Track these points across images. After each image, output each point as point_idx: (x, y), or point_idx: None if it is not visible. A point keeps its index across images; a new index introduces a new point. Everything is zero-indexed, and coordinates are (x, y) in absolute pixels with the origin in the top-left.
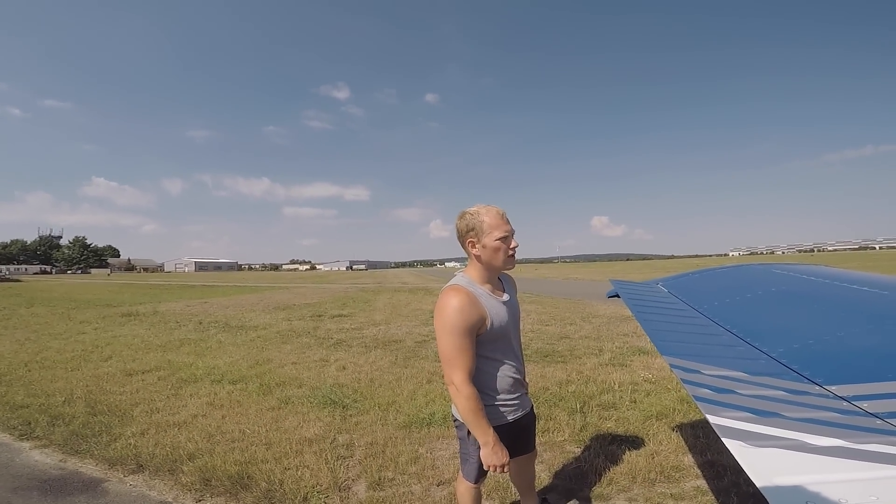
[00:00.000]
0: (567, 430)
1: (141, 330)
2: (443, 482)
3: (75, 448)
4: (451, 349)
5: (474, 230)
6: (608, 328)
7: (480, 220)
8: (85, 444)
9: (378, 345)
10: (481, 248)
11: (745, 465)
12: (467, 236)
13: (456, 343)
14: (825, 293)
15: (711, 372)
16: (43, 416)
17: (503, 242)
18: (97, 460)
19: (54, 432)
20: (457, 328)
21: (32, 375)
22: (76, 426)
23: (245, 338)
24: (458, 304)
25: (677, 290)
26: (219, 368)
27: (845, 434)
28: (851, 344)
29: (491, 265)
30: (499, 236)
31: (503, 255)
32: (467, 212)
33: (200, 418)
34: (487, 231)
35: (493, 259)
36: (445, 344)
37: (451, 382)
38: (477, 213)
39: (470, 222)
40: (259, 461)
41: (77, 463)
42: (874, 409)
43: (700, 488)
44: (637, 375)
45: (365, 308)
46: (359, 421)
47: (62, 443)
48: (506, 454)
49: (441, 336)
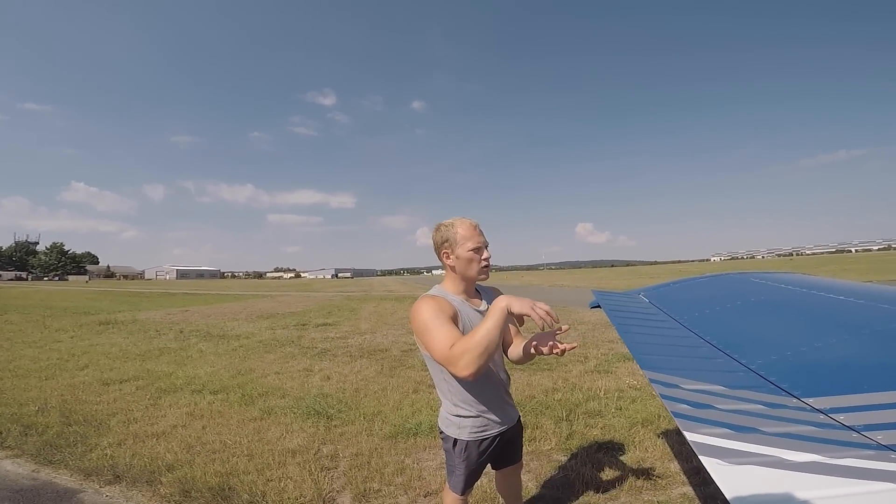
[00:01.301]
0: (554, 438)
1: (119, 339)
2: (430, 493)
3: (49, 458)
4: (438, 332)
5: (448, 242)
6: (593, 335)
7: (454, 231)
8: (59, 454)
9: (363, 354)
10: (455, 259)
11: (722, 483)
12: (442, 248)
13: (440, 324)
14: (802, 303)
15: (690, 386)
16: (15, 425)
17: (476, 253)
18: (72, 471)
19: (27, 442)
20: (434, 313)
21: (4, 384)
22: (50, 436)
23: (227, 347)
24: (430, 303)
25: (658, 300)
26: (199, 378)
27: (821, 448)
28: (828, 355)
29: (465, 275)
30: (471, 247)
31: (476, 265)
32: (442, 224)
33: (180, 429)
34: (461, 242)
35: (466, 270)
36: (433, 334)
37: (457, 359)
38: (451, 225)
39: (444, 234)
40: (241, 473)
41: (51, 473)
42: (850, 422)
43: (687, 495)
44: (622, 382)
45: (350, 317)
46: (343, 431)
47: (35, 453)
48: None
49: (424, 333)
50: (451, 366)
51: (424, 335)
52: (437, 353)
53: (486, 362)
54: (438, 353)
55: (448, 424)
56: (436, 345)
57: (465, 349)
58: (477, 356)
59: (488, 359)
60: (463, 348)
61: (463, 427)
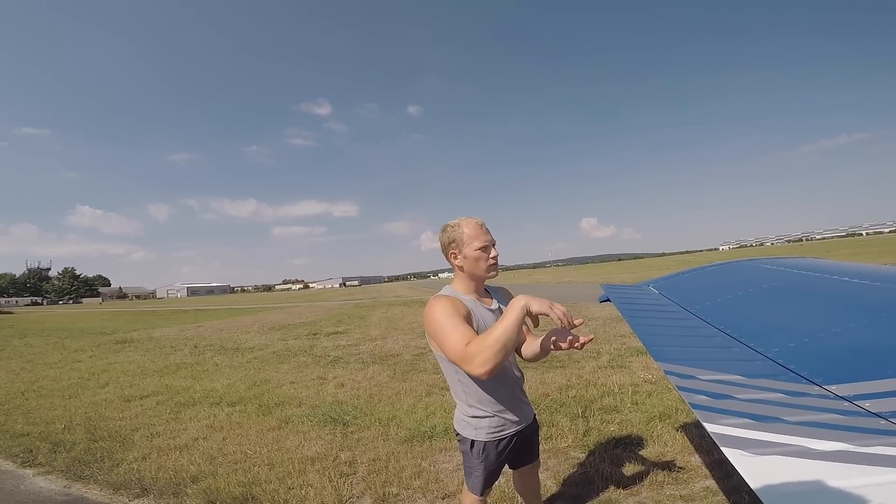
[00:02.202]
0: (570, 435)
1: (136, 356)
2: (448, 495)
3: (78, 474)
4: (453, 332)
5: (455, 242)
6: (605, 330)
7: (461, 231)
8: (88, 469)
9: (375, 360)
10: (463, 258)
11: (746, 474)
12: (449, 248)
13: (454, 323)
14: (817, 287)
15: (707, 377)
16: (44, 443)
17: (483, 252)
18: (101, 485)
19: (56, 459)
20: (448, 313)
21: (30, 404)
22: (78, 452)
23: (241, 359)
24: (443, 303)
25: (668, 291)
26: (217, 391)
27: (848, 437)
28: (848, 340)
29: (474, 275)
30: (478, 246)
31: (484, 264)
32: (448, 225)
33: (201, 441)
34: (467, 242)
35: (475, 269)
36: (447, 334)
37: (472, 357)
38: (457, 226)
39: (451, 235)
40: (262, 482)
41: (81, 489)
42: (877, 409)
43: (710, 489)
44: (637, 377)
45: (360, 324)
46: (360, 437)
47: (65, 469)
48: (550, 303)
49: (438, 333)
50: (467, 364)
51: (439, 335)
52: (452, 353)
53: (503, 360)
54: (453, 352)
55: (464, 426)
56: (450, 344)
57: (482, 347)
58: (494, 354)
59: (505, 357)
60: (479, 346)
61: (480, 428)
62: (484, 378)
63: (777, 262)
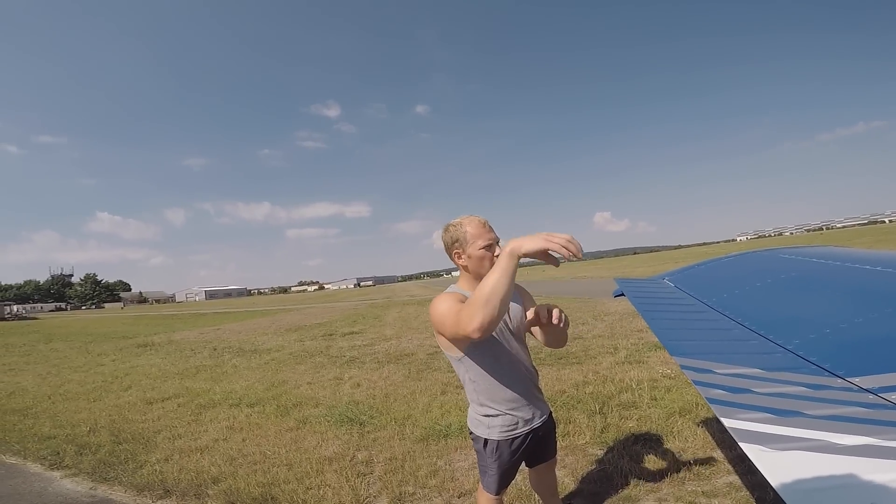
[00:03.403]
0: (588, 432)
1: (157, 359)
2: (463, 493)
3: (104, 476)
4: (451, 313)
5: (458, 241)
6: (621, 325)
7: (463, 230)
8: (113, 471)
9: (390, 359)
10: (467, 258)
11: (766, 471)
12: (453, 248)
13: (452, 307)
14: (837, 277)
15: (725, 371)
16: (70, 445)
17: (487, 251)
18: (126, 487)
19: (82, 461)
20: (450, 304)
21: (57, 407)
22: (103, 454)
23: (259, 361)
24: (446, 297)
25: (684, 283)
26: (236, 392)
27: (874, 430)
28: (872, 331)
29: (479, 274)
30: (482, 245)
31: (489, 262)
32: (450, 224)
33: (221, 442)
34: (471, 241)
35: (479, 268)
36: (446, 318)
37: (463, 319)
38: (460, 225)
39: (454, 234)
40: (282, 482)
41: (107, 490)
42: None
43: (733, 484)
44: (655, 372)
45: (375, 324)
46: (376, 437)
47: (91, 471)
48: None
49: (441, 324)
50: (461, 329)
51: (441, 325)
52: (449, 329)
53: (495, 316)
54: (449, 326)
55: (477, 425)
56: (448, 322)
57: (469, 303)
58: (481, 306)
59: (496, 312)
60: (468, 305)
61: (492, 427)
62: (478, 336)
63: (795, 251)
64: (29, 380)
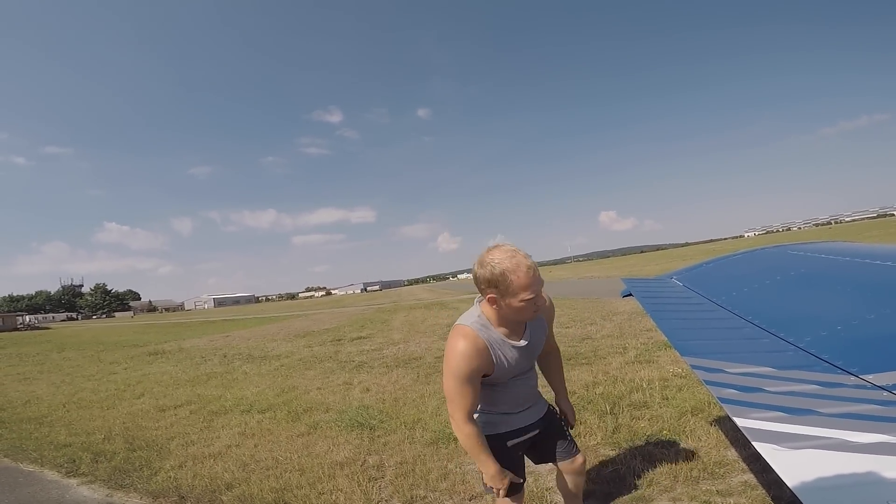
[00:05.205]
0: (599, 433)
1: (169, 367)
2: (474, 496)
3: (119, 483)
4: (452, 391)
5: (498, 289)
6: (630, 325)
7: (507, 280)
8: (128, 478)
9: (399, 364)
10: (506, 305)
11: (781, 470)
12: (488, 290)
13: (458, 387)
14: (848, 273)
15: (736, 370)
16: (86, 453)
17: (530, 304)
18: (141, 494)
19: (98, 468)
20: (460, 373)
21: (71, 416)
22: (118, 462)
23: (269, 367)
24: (464, 351)
25: (692, 282)
26: (247, 399)
27: (888, 428)
28: (884, 327)
29: (510, 318)
30: (527, 298)
31: (529, 314)
32: (489, 262)
33: (234, 448)
34: (515, 293)
35: (515, 316)
36: (448, 384)
37: (452, 418)
38: (503, 273)
39: (493, 278)
40: (294, 487)
41: (123, 497)
42: None
43: (748, 483)
44: (666, 371)
45: (383, 328)
46: (387, 441)
47: (107, 478)
48: (507, 479)
49: (445, 376)
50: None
51: (448, 389)
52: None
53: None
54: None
55: None
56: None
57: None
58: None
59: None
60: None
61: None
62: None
63: (804, 247)
64: (43, 388)
